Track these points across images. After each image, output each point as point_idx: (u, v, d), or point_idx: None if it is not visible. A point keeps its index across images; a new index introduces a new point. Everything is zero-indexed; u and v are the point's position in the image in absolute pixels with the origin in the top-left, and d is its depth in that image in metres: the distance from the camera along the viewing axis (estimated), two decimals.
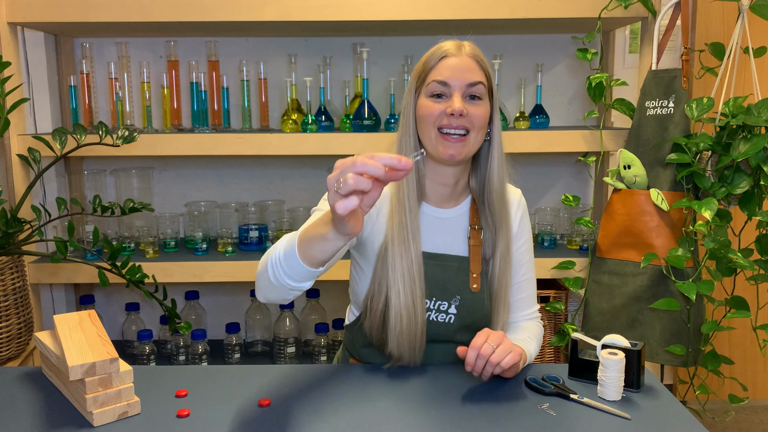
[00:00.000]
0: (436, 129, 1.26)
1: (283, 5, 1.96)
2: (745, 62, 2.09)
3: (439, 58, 1.27)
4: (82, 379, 1.08)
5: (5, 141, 1.99)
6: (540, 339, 1.41)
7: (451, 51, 1.27)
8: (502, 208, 1.32)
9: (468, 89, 1.26)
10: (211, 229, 2.31)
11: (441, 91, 1.26)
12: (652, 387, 1.23)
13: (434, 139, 1.26)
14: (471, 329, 1.29)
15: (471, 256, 1.32)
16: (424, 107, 1.27)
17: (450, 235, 1.33)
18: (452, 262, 1.32)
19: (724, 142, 1.76)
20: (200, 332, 2.13)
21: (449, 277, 1.31)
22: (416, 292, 1.26)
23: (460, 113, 1.23)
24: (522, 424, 1.09)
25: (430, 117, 1.26)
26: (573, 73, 2.39)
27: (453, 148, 1.25)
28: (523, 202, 1.42)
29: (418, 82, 1.30)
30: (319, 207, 1.31)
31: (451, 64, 1.26)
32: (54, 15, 1.96)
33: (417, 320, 1.26)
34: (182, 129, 2.24)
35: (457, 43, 1.29)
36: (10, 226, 1.76)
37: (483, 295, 1.32)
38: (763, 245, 1.79)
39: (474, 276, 1.31)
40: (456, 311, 1.31)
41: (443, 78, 1.25)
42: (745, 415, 2.52)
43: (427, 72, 1.28)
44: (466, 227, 1.34)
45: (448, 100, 1.26)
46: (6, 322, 1.78)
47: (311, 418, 1.11)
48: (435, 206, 1.34)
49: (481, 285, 1.32)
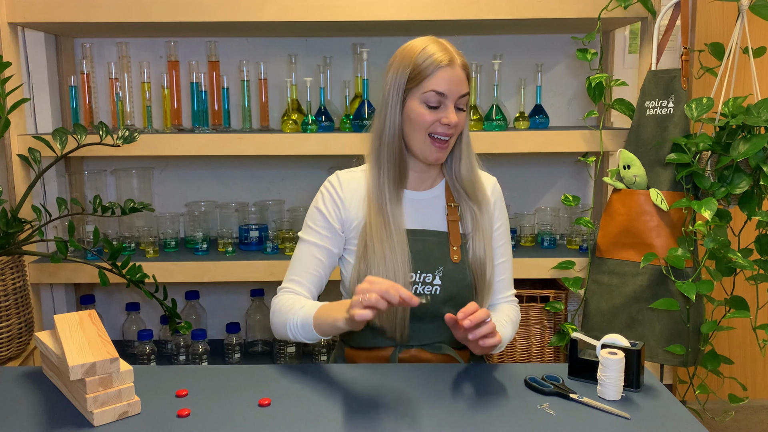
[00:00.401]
0: (427, 134, 1.36)
1: (283, 5, 1.96)
2: (744, 62, 2.08)
3: (435, 66, 1.33)
4: (83, 378, 1.09)
5: (5, 141, 1.99)
6: (516, 323, 1.49)
7: (446, 61, 1.33)
8: (475, 186, 1.44)
9: (459, 100, 1.36)
10: (212, 229, 2.31)
11: (438, 101, 1.34)
12: (652, 387, 1.23)
13: (423, 142, 1.37)
14: (456, 300, 1.38)
15: (450, 231, 1.42)
16: (419, 113, 1.35)
17: (429, 214, 1.44)
18: (432, 236, 1.41)
19: (724, 142, 1.76)
20: (200, 332, 2.13)
21: (430, 250, 1.40)
22: (397, 266, 1.35)
23: (454, 125, 1.35)
24: (522, 424, 1.09)
25: (423, 124, 1.35)
26: (573, 73, 2.40)
27: (440, 151, 1.38)
28: (497, 188, 1.51)
29: (409, 84, 1.35)
30: (306, 238, 1.43)
31: (448, 76, 1.33)
32: (54, 15, 1.96)
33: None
34: (182, 129, 2.25)
35: (447, 51, 1.35)
36: (11, 226, 1.76)
37: (464, 265, 1.40)
38: (762, 245, 1.79)
39: (454, 248, 1.41)
40: (440, 282, 1.39)
41: (442, 90, 1.33)
42: (745, 414, 2.52)
43: (422, 78, 1.34)
44: (444, 206, 1.45)
45: (442, 109, 1.35)
46: (6, 322, 1.78)
47: (311, 418, 1.11)
48: (413, 190, 1.45)
49: (462, 257, 1.41)
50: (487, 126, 2.16)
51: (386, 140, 1.38)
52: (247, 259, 2.09)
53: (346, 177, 1.45)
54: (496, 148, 2.06)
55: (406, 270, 1.35)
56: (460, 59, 1.35)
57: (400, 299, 1.12)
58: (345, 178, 1.45)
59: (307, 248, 1.42)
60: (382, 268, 1.34)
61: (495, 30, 2.26)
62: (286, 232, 2.21)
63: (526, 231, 2.30)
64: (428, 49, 1.34)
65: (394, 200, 1.39)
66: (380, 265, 1.34)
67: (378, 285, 1.13)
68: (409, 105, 1.36)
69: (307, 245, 1.43)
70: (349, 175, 1.45)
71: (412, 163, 1.43)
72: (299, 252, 1.44)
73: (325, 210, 1.43)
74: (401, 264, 1.35)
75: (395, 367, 1.32)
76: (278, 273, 2.04)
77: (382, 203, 1.38)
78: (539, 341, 2.19)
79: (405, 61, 1.35)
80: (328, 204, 1.43)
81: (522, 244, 2.30)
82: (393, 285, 1.13)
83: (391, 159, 1.39)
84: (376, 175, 1.40)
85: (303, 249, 1.43)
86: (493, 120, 2.15)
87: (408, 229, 1.40)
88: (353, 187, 1.43)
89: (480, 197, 1.44)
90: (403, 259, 1.35)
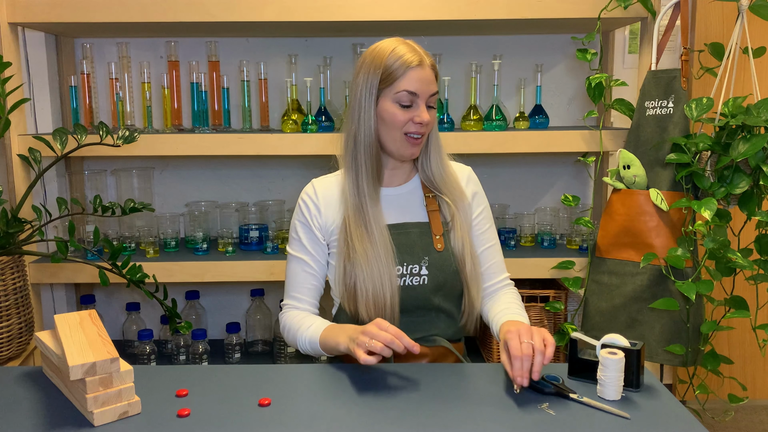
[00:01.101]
0: (402, 133, 1.40)
1: (284, 5, 1.96)
2: (744, 62, 2.09)
3: (406, 67, 1.37)
4: (83, 378, 1.09)
5: (6, 141, 1.99)
6: (523, 306, 1.51)
7: (416, 61, 1.37)
8: (446, 181, 1.48)
9: (430, 98, 1.41)
10: (212, 229, 2.31)
11: (410, 100, 1.38)
12: (652, 387, 1.23)
13: (399, 141, 1.41)
14: (444, 289, 1.43)
15: (431, 220, 1.46)
16: (392, 113, 1.39)
17: (408, 207, 1.48)
18: (414, 228, 1.45)
19: (724, 142, 1.76)
20: (200, 332, 2.13)
21: (413, 241, 1.44)
22: (381, 262, 1.38)
23: (427, 123, 1.40)
24: (522, 424, 1.09)
25: (397, 123, 1.39)
26: (573, 74, 2.40)
27: (415, 146, 1.43)
28: (473, 177, 1.55)
29: (381, 85, 1.39)
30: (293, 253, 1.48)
31: (419, 76, 1.38)
32: (54, 15, 1.96)
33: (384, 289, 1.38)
34: (183, 129, 2.25)
35: (417, 52, 1.39)
36: (11, 226, 1.76)
37: (448, 253, 1.44)
38: (762, 245, 1.79)
39: (437, 237, 1.45)
40: (427, 272, 1.42)
41: (413, 89, 1.38)
42: (745, 414, 2.53)
43: (394, 79, 1.38)
44: (422, 197, 1.49)
45: (414, 108, 1.39)
46: (6, 321, 1.78)
47: (311, 418, 1.12)
48: (388, 186, 1.49)
49: (446, 245, 1.45)
50: (487, 126, 2.16)
51: (362, 141, 1.42)
52: (247, 259, 2.09)
53: (320, 184, 1.49)
54: (496, 148, 2.06)
55: (390, 264, 1.39)
56: (429, 60, 1.40)
57: (404, 349, 1.18)
58: (319, 185, 1.49)
59: (297, 264, 1.48)
60: (365, 266, 1.38)
61: (495, 30, 2.26)
62: (286, 232, 2.21)
63: (526, 231, 2.30)
64: (398, 50, 1.38)
65: (372, 199, 1.42)
66: (363, 263, 1.38)
67: (384, 335, 1.18)
68: (381, 105, 1.40)
69: (296, 261, 1.48)
70: (324, 182, 1.50)
71: (385, 161, 1.47)
72: (290, 269, 1.49)
73: (305, 222, 1.47)
74: (384, 259, 1.38)
75: (395, 367, 1.33)
76: (278, 273, 2.04)
77: (361, 203, 1.42)
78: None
79: (375, 62, 1.39)
80: (306, 215, 1.47)
81: (522, 244, 2.30)
82: (399, 334, 1.19)
83: (368, 159, 1.42)
84: (354, 176, 1.43)
85: (293, 265, 1.49)
86: (493, 120, 2.15)
87: (389, 225, 1.43)
88: (328, 194, 1.47)
89: (453, 192, 1.48)
90: (386, 254, 1.39)
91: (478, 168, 1.59)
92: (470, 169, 1.55)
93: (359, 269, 1.38)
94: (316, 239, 1.46)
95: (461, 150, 1.86)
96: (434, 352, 1.44)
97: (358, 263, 1.38)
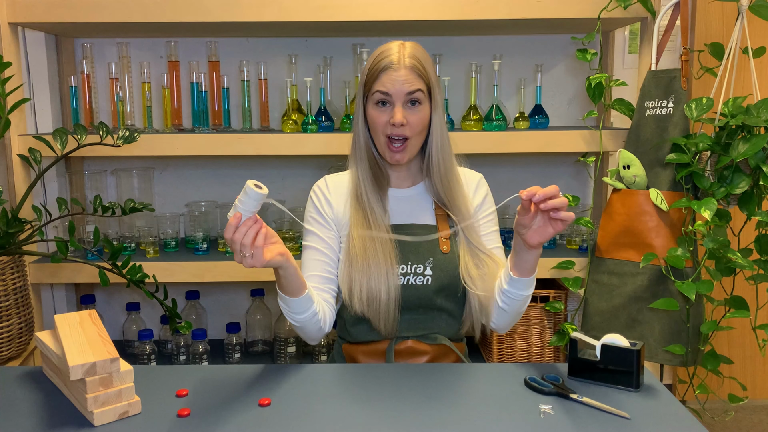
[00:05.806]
0: (384, 136, 1.41)
1: (284, 5, 1.96)
2: (744, 62, 2.08)
3: (380, 70, 1.39)
4: (83, 378, 1.09)
5: (6, 141, 1.99)
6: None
7: (391, 64, 1.38)
8: (452, 185, 1.46)
9: (408, 97, 1.39)
10: (212, 229, 2.31)
11: (384, 99, 1.39)
12: (652, 387, 1.23)
13: (383, 144, 1.42)
14: (448, 290, 1.43)
15: (438, 223, 1.46)
16: (372, 115, 1.42)
17: (416, 209, 1.48)
18: (420, 229, 1.45)
19: (724, 142, 1.76)
20: (201, 332, 2.13)
21: (419, 242, 1.43)
22: (379, 260, 1.38)
23: (401, 124, 1.38)
24: (522, 424, 1.09)
25: (378, 126, 1.41)
26: (572, 74, 2.40)
27: (397, 154, 1.41)
28: (483, 182, 1.54)
29: (365, 89, 1.43)
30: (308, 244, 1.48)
31: (390, 77, 1.38)
32: (54, 15, 1.96)
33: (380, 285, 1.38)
34: (183, 129, 2.25)
35: (397, 53, 1.39)
36: (11, 226, 1.76)
37: (454, 255, 1.44)
38: (762, 245, 1.79)
39: (443, 240, 1.45)
40: (432, 272, 1.42)
41: (386, 89, 1.38)
42: (745, 414, 2.53)
43: (372, 81, 1.40)
44: (431, 200, 1.49)
45: (391, 108, 1.39)
46: (7, 321, 1.78)
47: (311, 418, 1.12)
48: (396, 188, 1.50)
49: (452, 247, 1.45)
50: (487, 126, 2.16)
51: (359, 141, 1.46)
52: None
53: (332, 180, 1.51)
54: (496, 149, 2.06)
55: (388, 262, 1.39)
56: (409, 60, 1.38)
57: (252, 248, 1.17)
58: (332, 181, 1.51)
59: (310, 252, 1.47)
60: (362, 262, 1.39)
61: (495, 30, 2.26)
62: (287, 232, 2.21)
63: None
64: (379, 53, 1.41)
65: (374, 197, 1.44)
66: (361, 259, 1.39)
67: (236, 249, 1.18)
68: (367, 108, 1.43)
69: (310, 250, 1.47)
70: (335, 178, 1.51)
71: (385, 162, 1.48)
72: (304, 258, 1.49)
73: (318, 211, 1.48)
74: (383, 257, 1.39)
75: (395, 367, 1.33)
76: None
77: (363, 200, 1.43)
78: (539, 341, 2.19)
79: (365, 66, 1.43)
80: (319, 206, 1.48)
81: None
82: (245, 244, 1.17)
83: (364, 159, 1.45)
84: (356, 174, 1.46)
85: (307, 254, 1.48)
86: (493, 120, 2.15)
87: (396, 224, 1.45)
88: (340, 191, 1.49)
89: (460, 210, 1.46)
90: (384, 252, 1.39)
91: (478, 168, 1.59)
92: (481, 175, 1.55)
93: (356, 264, 1.39)
94: (331, 227, 1.47)
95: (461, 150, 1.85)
96: (435, 350, 1.44)
97: (356, 258, 1.40)
